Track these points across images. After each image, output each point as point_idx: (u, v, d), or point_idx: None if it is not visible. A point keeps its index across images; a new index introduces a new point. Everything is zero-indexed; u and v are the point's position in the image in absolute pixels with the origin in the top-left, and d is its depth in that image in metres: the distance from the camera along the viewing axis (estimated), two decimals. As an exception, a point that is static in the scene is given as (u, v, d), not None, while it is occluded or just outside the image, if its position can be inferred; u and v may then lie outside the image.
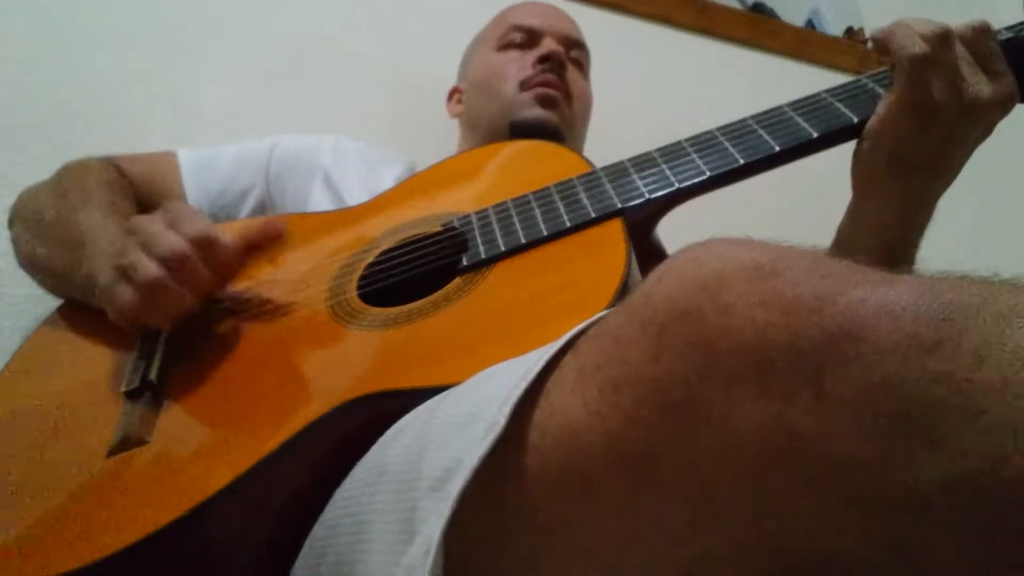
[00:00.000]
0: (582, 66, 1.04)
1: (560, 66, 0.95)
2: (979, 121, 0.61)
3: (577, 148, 1.01)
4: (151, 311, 0.60)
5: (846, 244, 0.68)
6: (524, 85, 0.94)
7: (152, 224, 0.62)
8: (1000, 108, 0.61)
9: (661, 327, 0.34)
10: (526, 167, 0.76)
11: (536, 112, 0.92)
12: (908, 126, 0.60)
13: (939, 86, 0.59)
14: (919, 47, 0.59)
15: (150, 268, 0.59)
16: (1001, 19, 0.65)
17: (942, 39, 0.60)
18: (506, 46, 1.00)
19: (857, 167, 0.66)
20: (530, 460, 0.36)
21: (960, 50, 0.61)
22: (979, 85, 0.60)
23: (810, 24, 1.65)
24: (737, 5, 1.59)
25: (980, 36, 0.61)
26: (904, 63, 0.60)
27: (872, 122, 0.63)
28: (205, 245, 0.60)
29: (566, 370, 0.38)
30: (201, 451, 0.53)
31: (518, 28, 1.00)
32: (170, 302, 0.60)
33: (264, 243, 0.65)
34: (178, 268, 0.59)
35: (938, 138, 0.60)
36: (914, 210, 0.65)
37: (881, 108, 0.62)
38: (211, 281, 0.62)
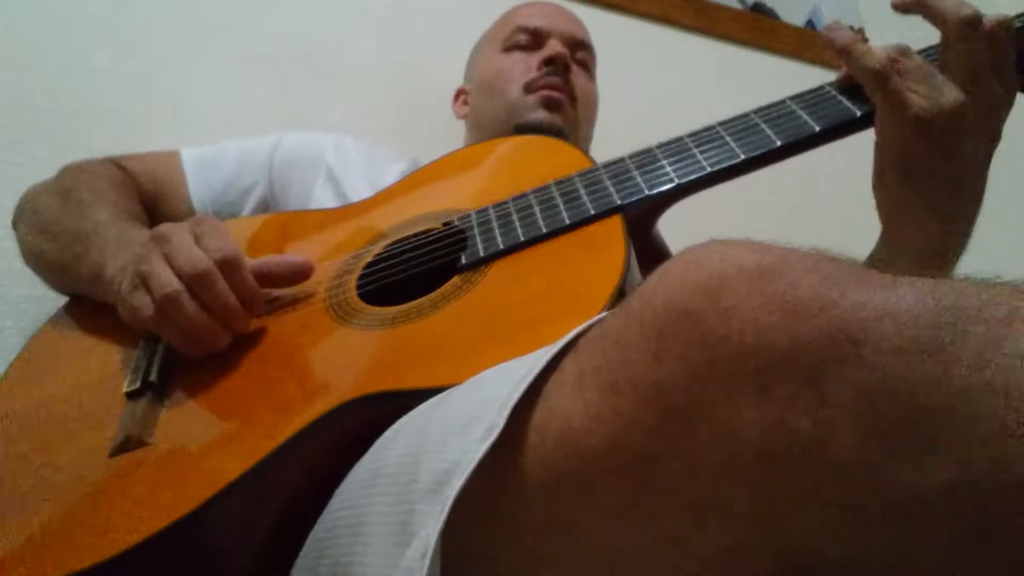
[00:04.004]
0: (588, 67, 1.04)
1: (565, 68, 0.95)
2: (977, 123, 0.58)
3: (582, 147, 1.01)
4: (165, 325, 0.59)
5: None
6: (529, 87, 0.94)
7: (179, 235, 0.61)
8: (993, 109, 0.58)
9: (661, 330, 0.34)
10: (527, 163, 0.76)
11: (540, 115, 0.92)
12: (903, 137, 0.58)
13: (914, 94, 0.57)
14: (877, 61, 0.58)
15: (170, 281, 0.58)
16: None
17: (902, 51, 0.59)
18: (511, 47, 1.00)
19: (876, 191, 0.64)
20: (529, 462, 0.36)
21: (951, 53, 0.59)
22: (949, 88, 0.57)
23: (810, 24, 1.65)
24: (737, 5, 1.59)
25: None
26: (863, 79, 0.59)
27: (876, 140, 0.61)
28: (229, 268, 0.59)
29: (566, 372, 0.38)
30: (201, 452, 0.53)
31: (523, 29, 1.00)
32: (185, 320, 0.58)
33: (288, 280, 0.65)
34: (198, 286, 0.58)
35: (939, 144, 0.58)
36: (945, 229, 0.62)
37: (876, 124, 0.61)
38: (232, 306, 0.60)
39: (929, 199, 0.60)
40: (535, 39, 0.99)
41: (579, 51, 1.02)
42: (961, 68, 0.57)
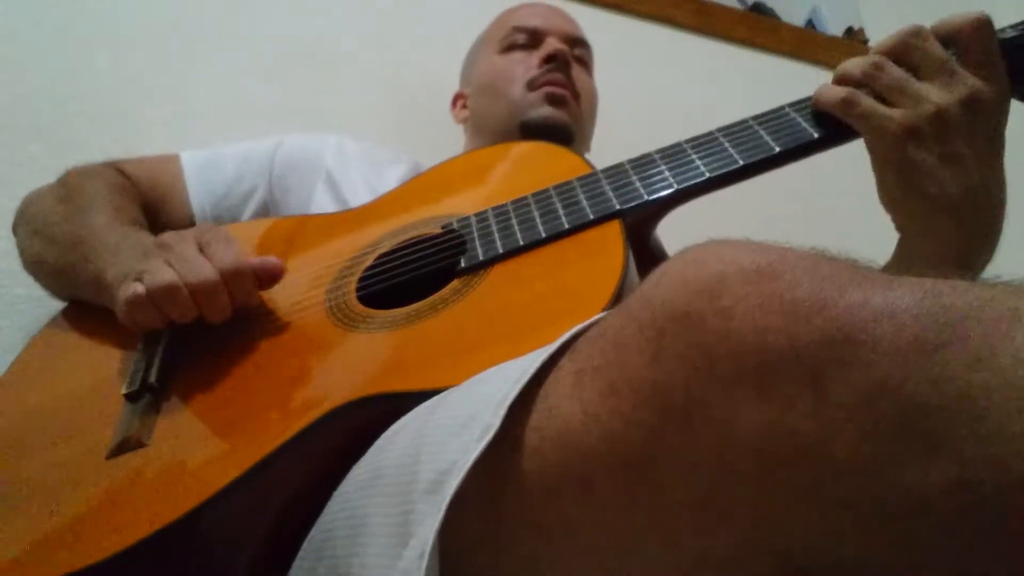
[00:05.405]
0: (586, 64, 1.04)
1: (566, 64, 0.96)
2: (964, 120, 0.57)
3: (586, 146, 1.01)
4: (150, 312, 0.60)
5: None
6: (532, 85, 0.94)
7: (184, 245, 0.62)
8: (974, 107, 0.57)
9: (660, 330, 0.34)
10: (526, 169, 0.76)
11: (546, 111, 0.92)
12: (893, 152, 0.58)
13: (892, 109, 0.57)
14: (836, 92, 0.60)
15: (165, 273, 0.59)
16: (1003, 20, 0.64)
17: (876, 64, 0.59)
18: (510, 48, 1.00)
19: (885, 206, 0.62)
20: (528, 462, 0.36)
21: (931, 54, 0.58)
22: (927, 91, 0.57)
23: (810, 24, 1.66)
24: (737, 5, 1.59)
25: (972, 37, 0.58)
26: (834, 114, 0.60)
27: (871, 160, 0.61)
28: (235, 278, 0.60)
29: (564, 372, 0.38)
30: (199, 454, 0.52)
31: (521, 29, 1.00)
32: (174, 311, 0.60)
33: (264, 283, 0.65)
34: (204, 298, 0.59)
35: (931, 148, 0.57)
36: (963, 233, 0.59)
37: (866, 144, 0.60)
38: (226, 312, 0.61)
39: (940, 205, 0.58)
40: (533, 38, 0.99)
41: (577, 48, 1.02)
42: (928, 72, 0.57)
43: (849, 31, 1.68)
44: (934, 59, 0.58)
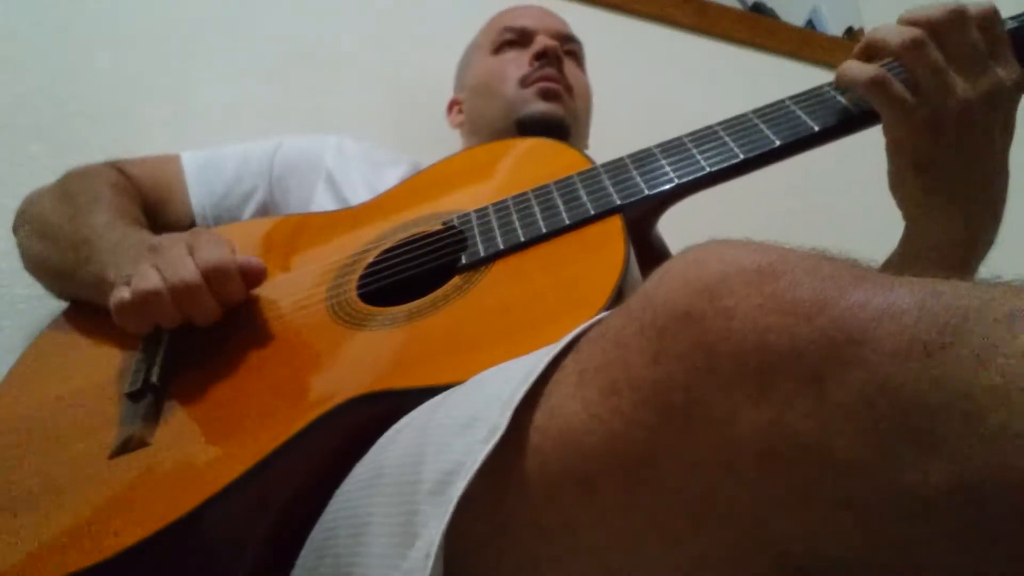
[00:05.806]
0: (578, 58, 1.05)
1: (557, 59, 0.96)
2: (984, 113, 0.56)
3: (583, 140, 1.02)
4: (137, 317, 0.61)
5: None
6: (524, 82, 0.95)
7: (174, 248, 0.63)
8: (994, 101, 0.56)
9: (661, 329, 0.34)
10: (527, 165, 0.76)
11: (541, 106, 0.93)
12: (914, 137, 0.57)
13: (920, 102, 0.56)
14: (866, 71, 0.58)
15: (150, 278, 0.60)
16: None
17: (917, 42, 0.57)
18: (501, 48, 1.01)
19: (896, 192, 0.62)
20: (530, 462, 0.36)
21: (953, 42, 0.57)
22: (958, 83, 0.56)
23: (810, 24, 1.66)
24: (736, 5, 1.59)
25: (984, 25, 0.57)
26: (862, 93, 0.59)
27: (886, 143, 0.60)
28: (217, 275, 0.61)
29: (567, 372, 0.38)
30: (201, 453, 0.53)
31: (510, 30, 1.01)
32: (159, 316, 0.61)
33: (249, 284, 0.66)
34: (184, 299, 0.60)
35: (952, 138, 0.56)
36: (971, 225, 0.60)
37: (884, 128, 0.60)
38: (214, 312, 0.62)
39: (951, 194, 0.59)
40: (523, 37, 1.00)
41: (568, 44, 1.03)
42: (962, 61, 0.56)
43: (849, 31, 1.68)
44: (973, 50, 0.56)
